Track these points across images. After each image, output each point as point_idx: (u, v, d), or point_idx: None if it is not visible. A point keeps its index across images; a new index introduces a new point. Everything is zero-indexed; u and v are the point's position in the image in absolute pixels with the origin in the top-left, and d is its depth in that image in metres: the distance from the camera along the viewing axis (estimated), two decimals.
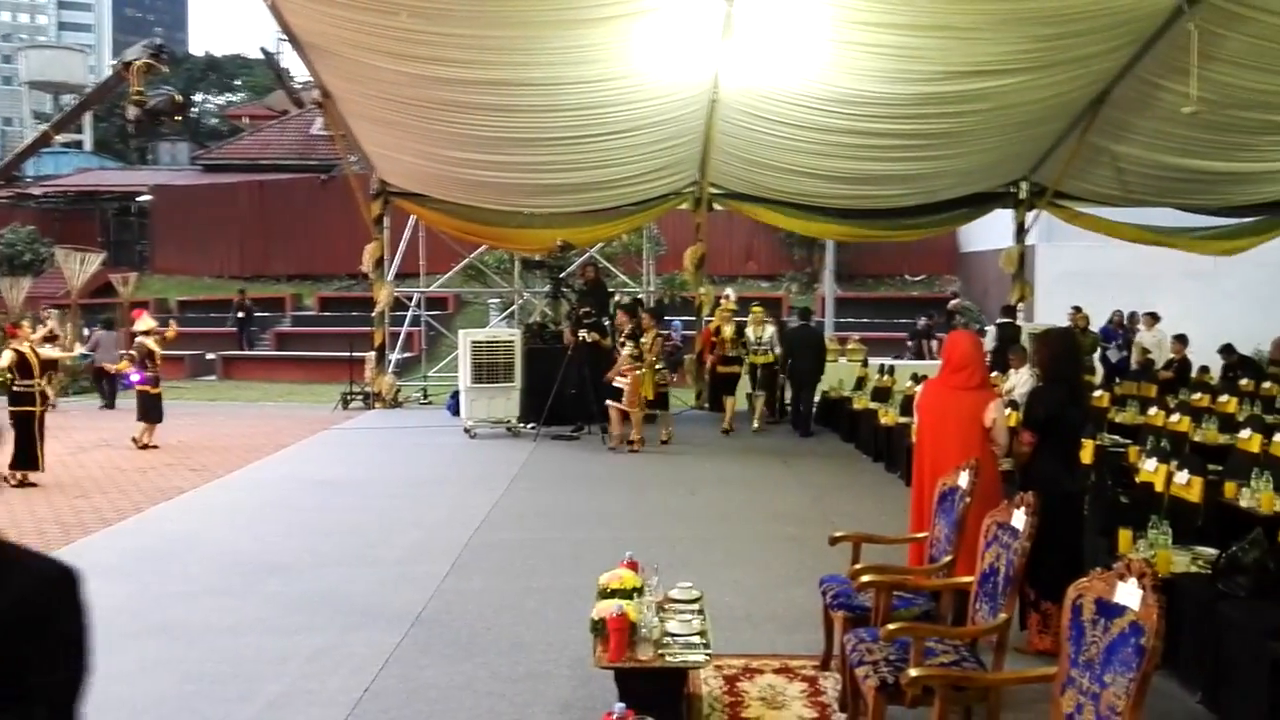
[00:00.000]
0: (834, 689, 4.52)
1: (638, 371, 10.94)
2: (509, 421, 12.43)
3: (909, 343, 18.12)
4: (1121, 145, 12.73)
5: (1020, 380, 10.35)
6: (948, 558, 4.53)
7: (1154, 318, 14.79)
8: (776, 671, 4.80)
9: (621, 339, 11.30)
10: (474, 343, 12.57)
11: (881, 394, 12.00)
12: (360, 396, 15.12)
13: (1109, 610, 2.96)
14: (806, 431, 12.40)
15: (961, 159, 12.63)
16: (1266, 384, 11.80)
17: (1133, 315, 15.49)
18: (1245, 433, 7.46)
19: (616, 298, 14.41)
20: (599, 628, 3.70)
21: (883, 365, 13.71)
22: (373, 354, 14.95)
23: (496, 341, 12.47)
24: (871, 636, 4.01)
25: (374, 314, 14.93)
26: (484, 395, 12.36)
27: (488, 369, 11.96)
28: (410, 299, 17.02)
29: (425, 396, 16.05)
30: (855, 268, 23.70)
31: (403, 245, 15.97)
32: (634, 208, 14.03)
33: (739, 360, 12.64)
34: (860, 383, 13.22)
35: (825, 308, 19.44)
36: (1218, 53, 10.12)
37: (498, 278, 18.77)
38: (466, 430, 12.39)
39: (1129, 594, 2.91)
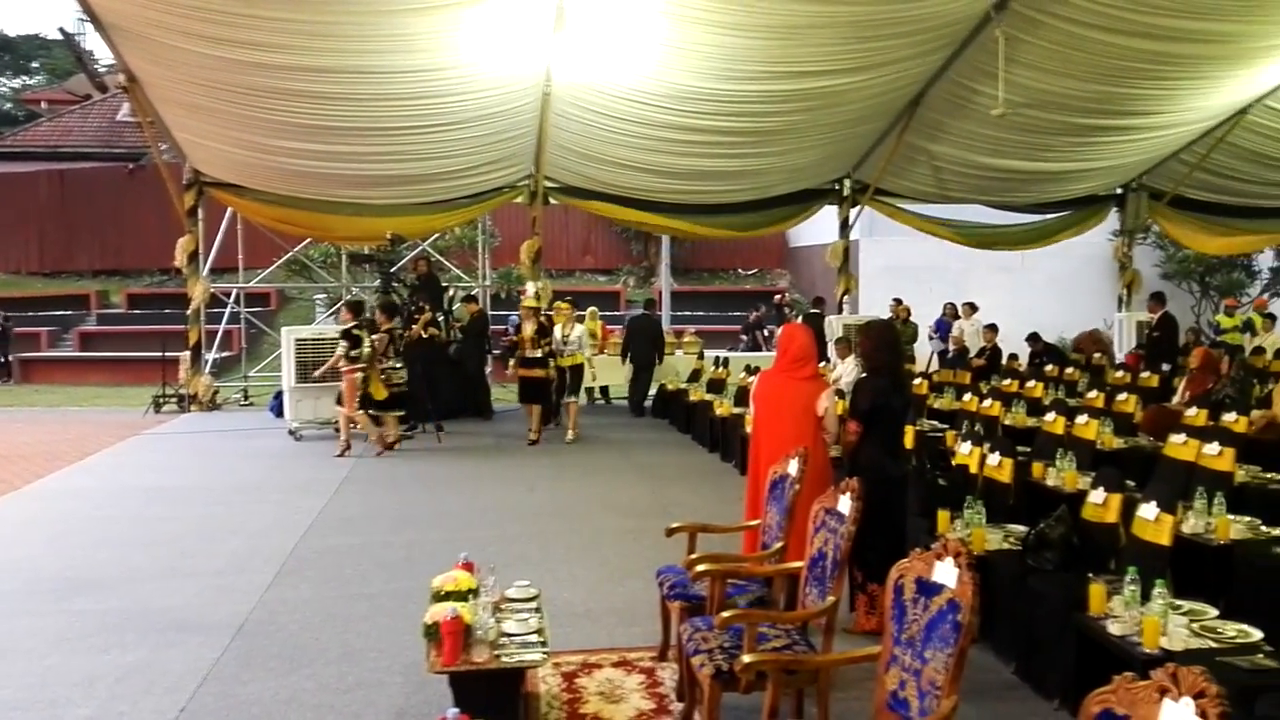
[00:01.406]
0: (671, 679, 4.53)
1: (356, 374, 10.40)
2: (337, 422, 11.92)
3: (742, 335, 18.59)
4: (937, 145, 13.40)
5: (846, 370, 10.77)
6: (779, 544, 4.62)
7: (972, 308, 15.68)
8: (615, 665, 4.79)
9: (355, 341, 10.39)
10: (298, 340, 12.02)
11: (716, 385, 12.23)
12: (174, 399, 14.23)
13: (928, 589, 3.05)
14: (640, 413, 13.85)
15: (789, 156, 13.00)
16: (1069, 369, 12.70)
17: (971, 304, 16.35)
18: (1050, 415, 7.97)
19: (451, 292, 14.10)
20: (432, 632, 3.58)
21: (718, 357, 13.99)
22: (187, 354, 14.08)
23: (323, 339, 11.95)
24: (706, 625, 4.05)
25: (189, 311, 14.06)
26: (310, 395, 11.85)
27: (314, 367, 11.44)
28: (229, 295, 16.15)
29: (246, 398, 15.28)
30: (691, 262, 24.16)
31: (220, 238, 15.11)
32: (467, 200, 13.75)
33: (543, 362, 11.27)
34: (696, 375, 13.44)
35: (662, 301, 19.70)
36: (1022, 58, 10.78)
37: (324, 272, 18.01)
38: (292, 432, 11.85)
39: (946, 572, 3.01)
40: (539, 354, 11.24)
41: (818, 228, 18.43)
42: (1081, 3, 9.91)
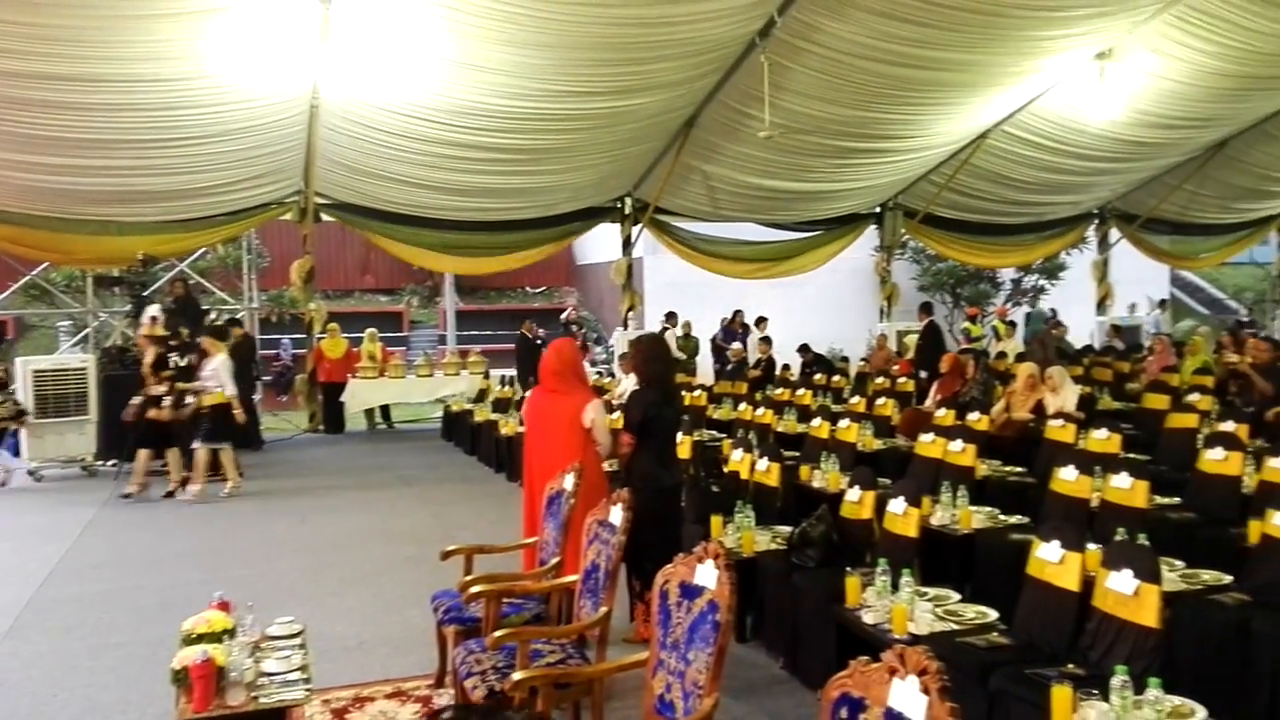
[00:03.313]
0: None
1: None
2: (84, 460, 10.96)
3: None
4: (711, 165, 13.87)
5: (630, 384, 10.90)
6: (556, 559, 4.59)
7: (759, 320, 16.30)
8: (389, 696, 4.64)
9: None
10: (36, 372, 10.92)
11: (502, 405, 12.11)
12: None
13: (691, 592, 3.10)
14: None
15: (571, 174, 13.09)
16: (836, 378, 13.44)
17: (760, 319, 16.97)
18: (816, 421, 8.38)
19: (213, 316, 13.23)
20: (180, 678, 3.31)
21: (504, 376, 13.86)
22: None
23: (65, 370, 10.92)
24: (480, 647, 3.98)
25: None
26: (51, 431, 10.79)
27: (55, 401, 10.41)
28: None
29: None
30: (477, 281, 23.85)
31: None
32: (228, 217, 12.92)
33: (176, 399, 9.53)
34: (482, 395, 13.25)
35: (447, 321, 19.32)
36: (787, 83, 11.34)
37: (67, 297, 16.44)
38: (31, 473, 10.73)
39: (707, 575, 3.07)
40: (162, 389, 9.55)
41: (604, 245, 18.67)
42: (838, 32, 10.52)
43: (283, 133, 11.28)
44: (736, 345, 15.86)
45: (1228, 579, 4.39)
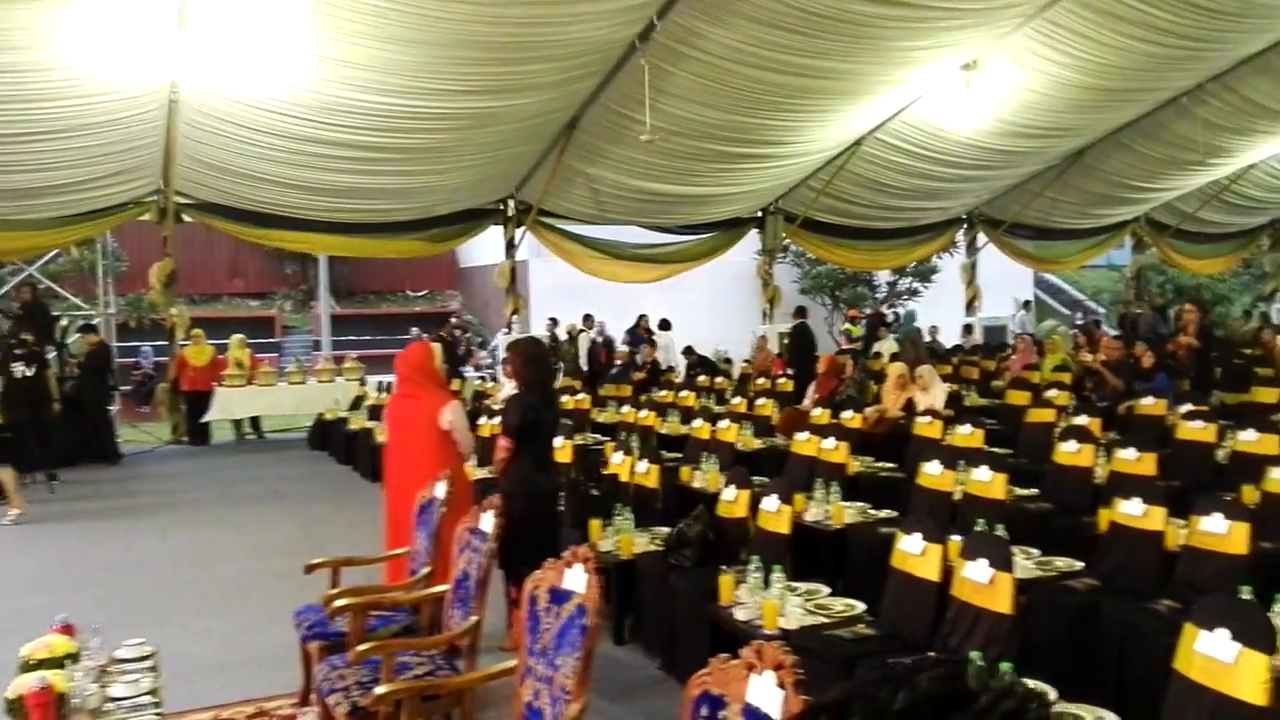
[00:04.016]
0: None
1: None
2: None
3: None
4: (595, 168, 13.83)
5: (510, 389, 10.78)
6: (427, 569, 4.48)
7: (662, 324, 16.35)
8: (251, 717, 4.48)
9: None
10: None
11: (378, 412, 11.79)
12: None
13: (559, 596, 3.07)
14: None
15: (449, 175, 12.86)
16: (719, 379, 13.60)
17: (664, 322, 16.99)
18: (697, 422, 8.43)
19: (64, 322, 12.50)
20: (15, 708, 3.09)
21: (381, 383, 13.52)
22: None
23: None
24: (344, 662, 3.86)
25: None
26: None
27: None
28: None
29: None
30: (355, 284, 23.20)
31: None
32: (81, 218, 12.20)
33: None
34: (358, 402, 12.89)
35: (321, 326, 18.74)
36: (668, 87, 11.39)
37: None
38: None
39: (576, 579, 3.05)
40: None
41: (488, 248, 18.43)
42: (717, 37, 10.62)
43: (140, 128, 10.72)
44: (646, 347, 15.86)
45: (1079, 565, 4.59)
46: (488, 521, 4.03)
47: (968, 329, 18.11)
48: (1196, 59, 12.62)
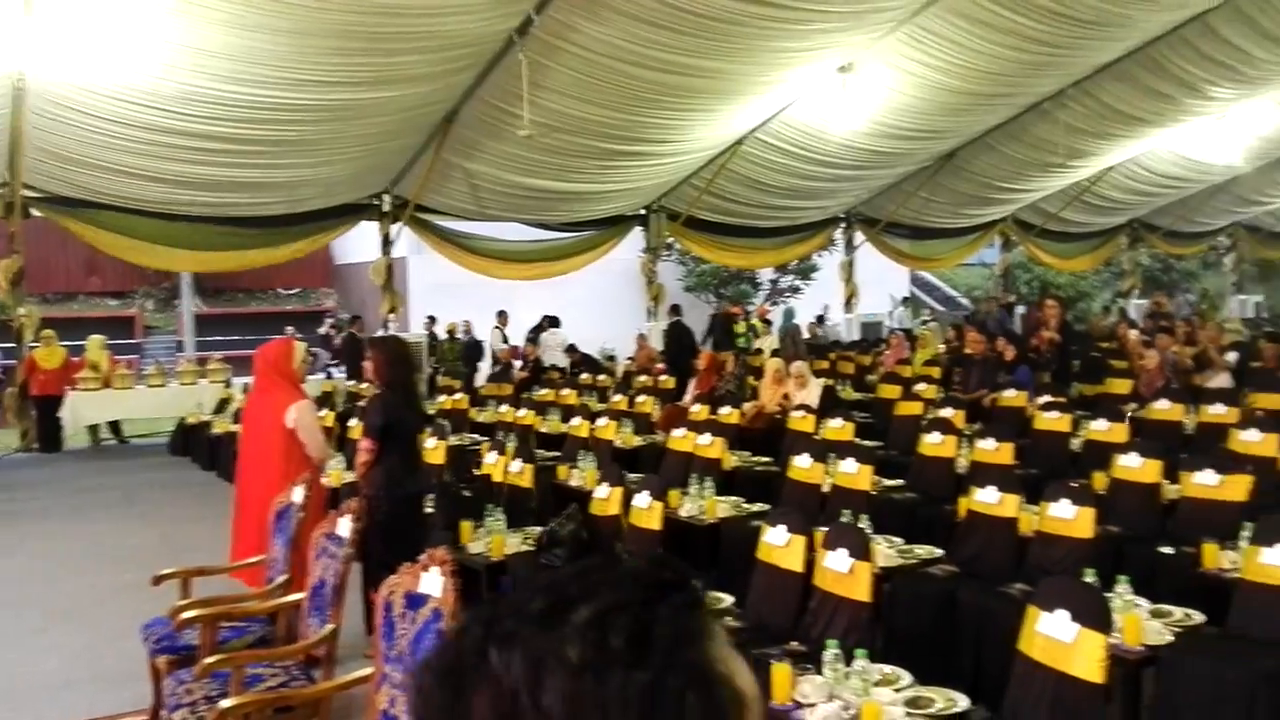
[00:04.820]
0: None
1: None
2: None
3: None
4: (474, 163, 13.61)
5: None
6: (284, 577, 4.31)
7: (552, 321, 16.18)
8: None
9: None
10: None
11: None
12: None
13: (415, 601, 3.01)
14: None
15: (320, 168, 12.45)
16: (602, 377, 13.56)
17: (553, 319, 16.77)
18: (576, 420, 8.38)
19: None
20: None
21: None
22: None
23: None
24: (192, 676, 3.68)
25: None
26: None
27: None
28: None
29: None
30: (222, 281, 22.20)
31: None
32: None
33: None
34: (223, 405, 12.34)
35: (185, 326, 17.91)
36: (547, 82, 11.27)
37: None
38: None
39: (432, 583, 3.00)
40: None
41: (364, 244, 17.97)
42: (595, 34, 10.57)
43: None
44: (528, 345, 15.68)
45: (940, 553, 4.71)
46: (344, 526, 3.91)
47: (819, 320, 18.65)
48: (1058, 65, 13.22)
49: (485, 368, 16.44)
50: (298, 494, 4.42)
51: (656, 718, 0.67)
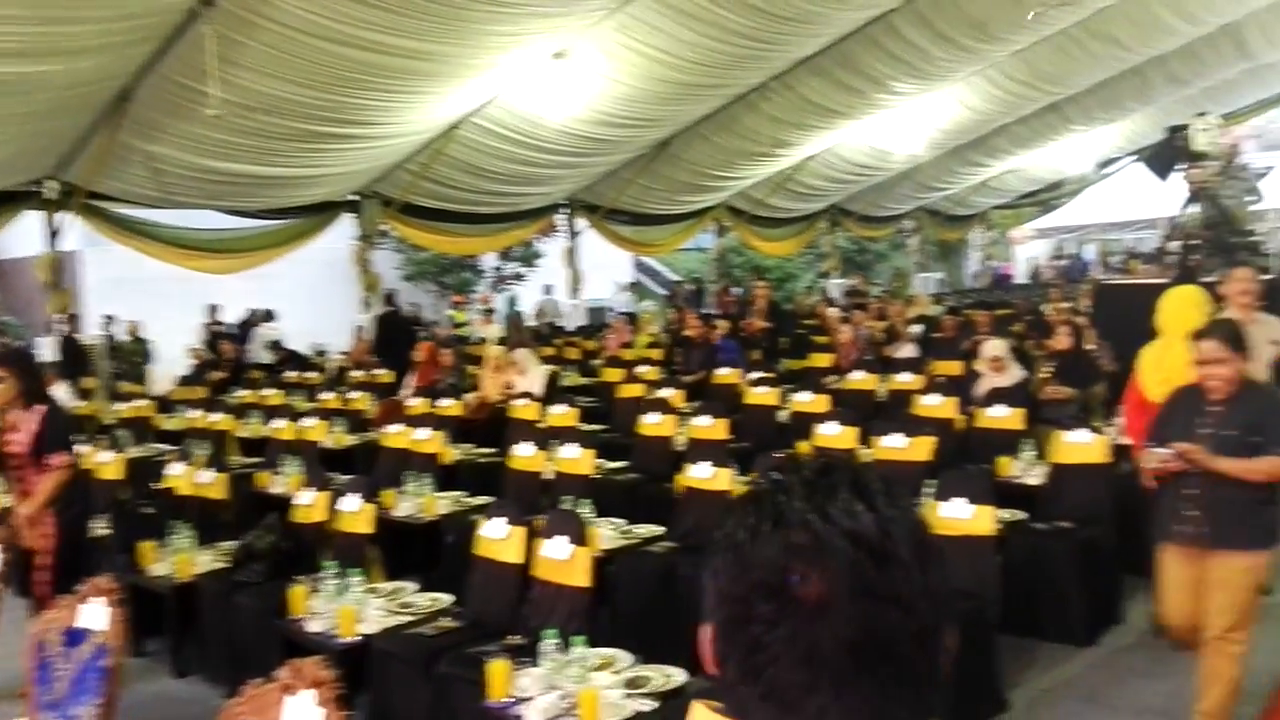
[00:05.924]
0: None
1: None
2: None
3: None
4: (157, 146, 12.30)
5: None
6: None
7: (265, 315, 14.96)
8: None
9: None
10: None
11: None
12: None
13: (75, 638, 2.67)
14: None
15: None
16: (311, 373, 12.77)
17: (267, 313, 15.47)
18: (280, 422, 7.77)
19: None
20: None
21: None
22: None
23: None
24: None
25: None
26: None
27: None
28: None
29: None
30: None
31: None
32: None
33: None
34: None
35: None
36: (240, 59, 10.34)
37: None
38: None
39: (95, 616, 2.65)
40: None
41: (30, 237, 15.86)
42: (290, 8, 9.84)
43: None
44: (224, 344, 14.43)
45: (660, 530, 4.76)
46: None
47: (544, 306, 19.02)
48: (761, 59, 13.92)
49: (157, 371, 15.09)
50: None
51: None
